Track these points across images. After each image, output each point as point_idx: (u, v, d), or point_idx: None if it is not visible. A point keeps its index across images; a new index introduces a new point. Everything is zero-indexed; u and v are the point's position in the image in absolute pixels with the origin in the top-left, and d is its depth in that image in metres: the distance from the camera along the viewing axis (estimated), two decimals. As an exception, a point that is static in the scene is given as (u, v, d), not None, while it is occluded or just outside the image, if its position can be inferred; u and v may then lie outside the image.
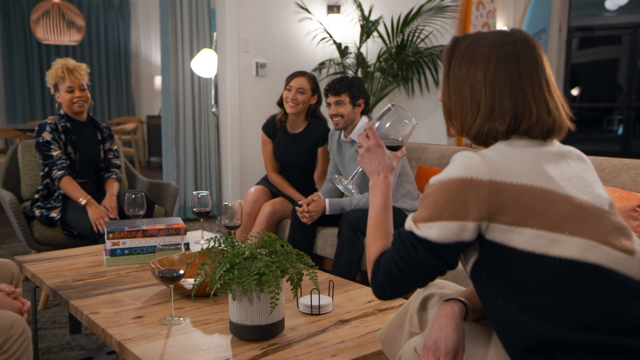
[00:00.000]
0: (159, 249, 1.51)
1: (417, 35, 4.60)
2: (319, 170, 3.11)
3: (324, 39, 4.53)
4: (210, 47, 4.60)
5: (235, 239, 1.51)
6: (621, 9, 8.24)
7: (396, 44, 4.60)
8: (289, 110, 2.99)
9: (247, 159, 4.42)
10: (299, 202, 2.77)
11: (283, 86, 3.05)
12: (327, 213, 2.74)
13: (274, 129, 3.14)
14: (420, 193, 2.75)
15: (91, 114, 3.01)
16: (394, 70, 4.62)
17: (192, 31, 4.66)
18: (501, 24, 6.66)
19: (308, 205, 2.72)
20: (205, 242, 1.56)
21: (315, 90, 3.02)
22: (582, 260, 0.95)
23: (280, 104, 3.08)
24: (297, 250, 1.51)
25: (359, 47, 4.59)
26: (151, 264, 1.67)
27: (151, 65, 9.12)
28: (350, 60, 4.68)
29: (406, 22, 4.52)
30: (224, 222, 2.09)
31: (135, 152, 7.56)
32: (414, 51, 4.60)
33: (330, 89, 2.74)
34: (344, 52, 4.56)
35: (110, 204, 2.75)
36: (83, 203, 2.68)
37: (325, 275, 2.02)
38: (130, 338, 1.46)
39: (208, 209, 2.28)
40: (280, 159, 3.14)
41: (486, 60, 1.09)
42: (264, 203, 3.06)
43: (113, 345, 1.48)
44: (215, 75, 4.31)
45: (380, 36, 4.61)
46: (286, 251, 1.49)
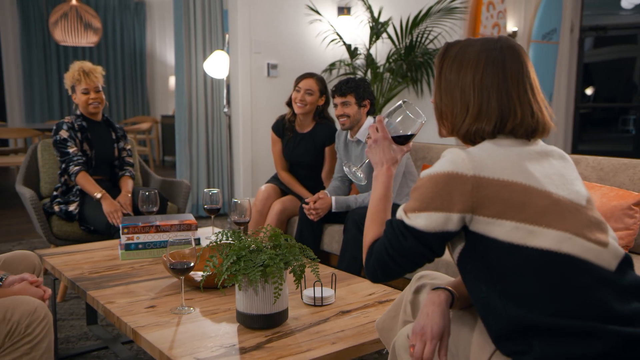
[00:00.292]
0: (170, 243, 1.60)
1: (425, 36, 4.66)
2: (326, 169, 3.20)
3: (334, 40, 4.60)
4: (223, 48, 4.70)
5: (242, 233, 1.60)
6: (637, 8, 8.19)
7: (405, 45, 4.67)
8: (297, 110, 3.08)
9: (259, 158, 4.51)
10: (306, 200, 2.85)
11: (292, 87, 3.14)
12: (333, 210, 2.82)
13: (283, 128, 3.22)
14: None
15: (106, 114, 3.12)
16: (403, 71, 4.69)
17: (205, 32, 4.76)
18: (512, 24, 6.68)
19: (315, 202, 2.81)
20: (214, 236, 1.65)
21: (323, 91, 3.11)
22: (557, 251, 1.02)
23: (289, 104, 3.17)
24: (300, 244, 1.59)
25: (368, 49, 4.66)
26: (163, 257, 1.76)
27: (166, 66, 9.26)
28: (360, 61, 4.75)
29: (415, 23, 4.58)
30: (233, 219, 2.18)
31: (149, 151, 7.70)
32: (423, 52, 4.66)
33: (337, 90, 2.82)
34: (353, 53, 4.63)
35: (125, 200, 2.86)
36: (98, 197, 2.79)
37: (329, 269, 2.10)
38: (143, 325, 1.55)
39: (218, 206, 2.37)
40: (289, 158, 3.23)
41: (475, 65, 1.16)
42: (274, 201, 3.15)
43: (127, 332, 1.58)
44: (227, 76, 4.40)
45: (390, 37, 4.68)
46: (290, 245, 1.57)
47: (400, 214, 1.14)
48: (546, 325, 1.00)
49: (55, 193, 2.95)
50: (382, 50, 4.84)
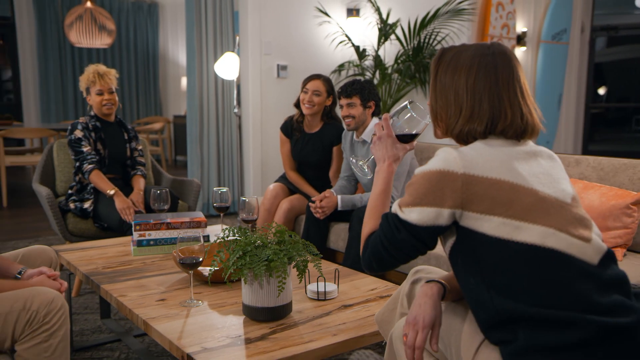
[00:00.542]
0: (180, 239, 1.68)
1: (434, 37, 4.70)
2: (333, 168, 3.26)
3: (343, 41, 4.66)
4: (233, 49, 4.78)
5: (248, 230, 1.67)
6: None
7: (413, 46, 4.72)
8: (305, 111, 3.14)
9: (268, 158, 4.58)
10: (313, 199, 2.92)
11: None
12: (339, 209, 2.88)
13: (291, 129, 3.29)
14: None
15: (119, 115, 3.21)
16: (411, 72, 4.74)
17: (216, 34, 4.83)
18: (521, 25, 6.69)
19: (321, 201, 2.87)
20: (221, 232, 1.72)
21: (331, 92, 3.17)
22: (542, 246, 1.08)
23: (297, 105, 3.24)
24: (304, 240, 1.66)
25: (376, 50, 4.71)
26: (173, 252, 1.84)
27: (178, 67, 9.37)
28: (368, 62, 4.81)
29: (423, 25, 4.63)
30: (241, 216, 2.25)
31: (162, 150, 7.81)
32: (431, 53, 4.70)
33: (343, 92, 2.89)
34: (362, 54, 4.69)
35: (137, 198, 2.95)
36: (111, 194, 2.88)
37: (334, 265, 2.16)
38: (154, 317, 1.62)
39: (228, 204, 2.44)
40: (297, 158, 3.30)
41: (468, 69, 1.22)
42: (282, 199, 3.22)
43: (139, 324, 1.65)
44: (238, 77, 4.48)
45: (398, 39, 4.73)
46: (294, 241, 1.64)
47: (395, 208, 1.21)
48: (530, 316, 1.06)
49: (70, 191, 3.05)
50: (390, 51, 4.89)
